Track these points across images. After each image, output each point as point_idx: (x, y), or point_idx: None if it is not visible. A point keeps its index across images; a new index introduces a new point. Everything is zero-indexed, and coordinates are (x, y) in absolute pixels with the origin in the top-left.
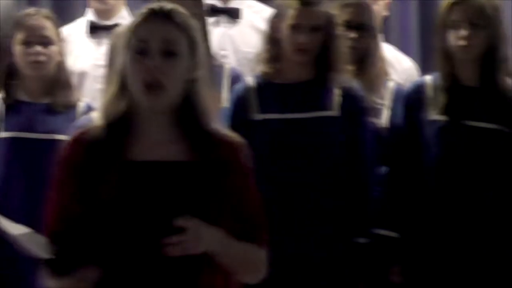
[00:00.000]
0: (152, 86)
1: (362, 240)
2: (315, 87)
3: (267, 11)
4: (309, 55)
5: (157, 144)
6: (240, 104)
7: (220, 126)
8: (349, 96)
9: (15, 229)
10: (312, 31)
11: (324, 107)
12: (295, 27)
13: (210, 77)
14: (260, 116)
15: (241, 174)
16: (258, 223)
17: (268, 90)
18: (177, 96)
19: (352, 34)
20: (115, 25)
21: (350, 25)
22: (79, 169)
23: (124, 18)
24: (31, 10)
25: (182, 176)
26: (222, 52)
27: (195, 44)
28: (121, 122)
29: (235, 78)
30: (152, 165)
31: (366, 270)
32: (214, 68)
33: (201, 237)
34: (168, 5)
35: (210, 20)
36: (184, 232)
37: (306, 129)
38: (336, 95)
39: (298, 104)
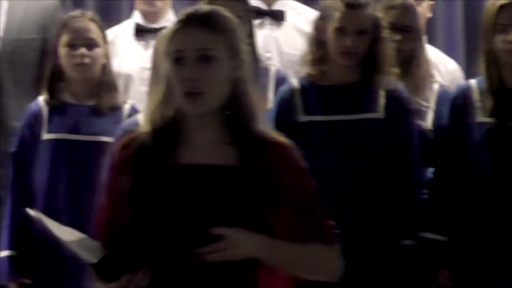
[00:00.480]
0: (192, 94)
1: (408, 242)
2: (361, 89)
3: (311, 13)
4: (355, 58)
5: (205, 147)
6: (285, 106)
7: (268, 128)
8: (394, 98)
9: (65, 233)
10: (358, 34)
11: (370, 109)
12: (341, 30)
13: (256, 79)
14: (305, 118)
15: (293, 174)
16: (321, 221)
17: (313, 92)
18: (220, 99)
19: (397, 36)
20: (162, 28)
21: (395, 27)
22: (128, 175)
23: (170, 21)
24: (76, 12)
25: (229, 180)
26: (267, 54)
27: (235, 44)
28: (168, 127)
29: (280, 80)
30: (201, 169)
31: (413, 273)
32: (260, 70)
33: (239, 244)
34: (204, 8)
35: (255, 22)
36: (221, 239)
37: (351, 131)
38: (382, 97)
39: (343, 106)
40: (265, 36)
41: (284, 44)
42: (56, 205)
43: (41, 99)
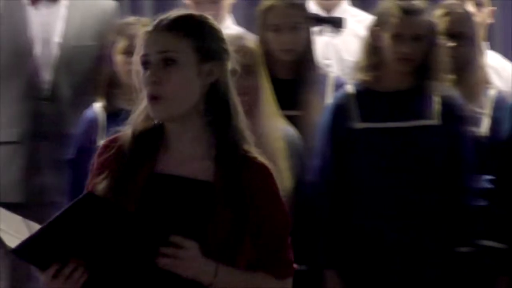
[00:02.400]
0: (153, 98)
1: (465, 250)
2: (416, 96)
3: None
4: (412, 65)
5: (183, 158)
6: (340, 112)
7: (251, 146)
8: (449, 105)
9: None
10: (415, 40)
11: (425, 116)
12: (398, 37)
13: (314, 85)
14: (361, 125)
15: (265, 198)
16: (280, 252)
17: (368, 99)
18: (187, 104)
19: (451, 43)
20: None
21: (449, 34)
22: (104, 176)
23: (228, 27)
24: (132, 19)
25: (197, 195)
26: (326, 62)
27: (206, 49)
28: (150, 133)
29: (339, 87)
30: (173, 180)
31: (471, 280)
32: (319, 77)
33: (193, 260)
34: (176, 13)
35: (314, 29)
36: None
37: (407, 138)
38: (437, 103)
39: (399, 113)
40: (324, 43)
41: (344, 51)
42: None
43: (97, 106)
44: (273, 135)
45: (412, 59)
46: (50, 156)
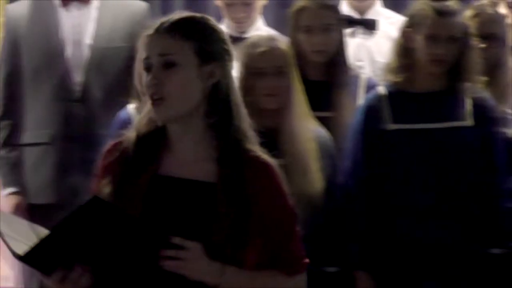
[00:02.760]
0: (155, 100)
1: (496, 251)
2: (448, 97)
3: None
4: (445, 66)
5: (186, 159)
6: (372, 114)
7: (255, 145)
8: (481, 106)
9: (10, 225)
10: (449, 41)
11: (458, 117)
12: (432, 38)
13: (346, 86)
14: (393, 126)
15: (270, 196)
16: (290, 249)
17: (400, 100)
18: (187, 106)
19: (482, 44)
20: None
21: (479, 35)
22: (109, 180)
23: (259, 29)
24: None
25: (201, 197)
26: (358, 63)
27: (207, 52)
28: (153, 135)
29: (371, 88)
30: (177, 182)
31: (503, 282)
32: (351, 78)
33: (196, 261)
34: (177, 16)
35: (347, 31)
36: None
37: (440, 140)
38: (468, 105)
39: (431, 114)
40: (357, 45)
41: (376, 53)
42: None
43: (131, 107)
44: (305, 136)
45: (446, 60)
46: (80, 157)
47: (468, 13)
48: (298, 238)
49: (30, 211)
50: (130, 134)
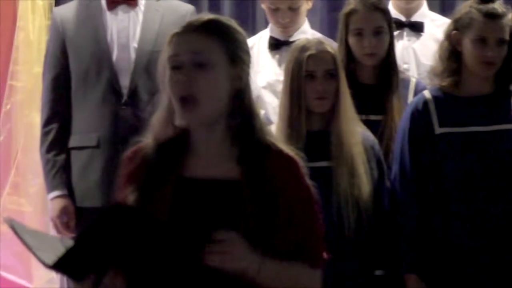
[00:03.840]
0: (186, 100)
1: None
2: (496, 100)
3: None
4: (494, 69)
5: (209, 160)
6: (419, 117)
7: (276, 139)
8: None
9: (34, 236)
10: (499, 44)
11: (506, 120)
12: (482, 41)
13: (398, 90)
14: (440, 130)
15: (295, 189)
16: (312, 243)
17: (448, 103)
18: (218, 108)
19: None
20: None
21: None
22: (133, 187)
23: (305, 32)
24: None
25: (228, 195)
26: (404, 66)
27: (236, 54)
28: (173, 138)
29: (420, 91)
30: (203, 183)
31: None
32: (401, 81)
33: (240, 251)
34: (206, 16)
35: (394, 33)
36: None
37: (488, 143)
38: None
39: (480, 117)
40: (403, 47)
41: (422, 55)
42: None
43: None
44: (353, 140)
45: (495, 63)
46: None
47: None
48: (320, 233)
49: (77, 215)
50: (148, 140)
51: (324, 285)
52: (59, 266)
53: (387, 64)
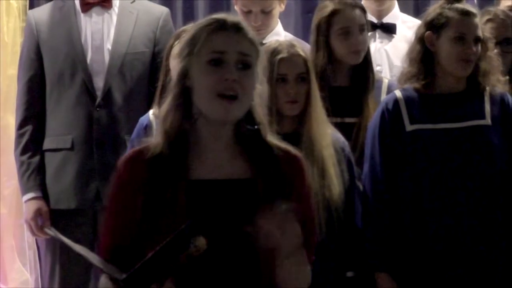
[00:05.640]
0: (227, 97)
1: None
2: (468, 97)
3: None
4: (472, 67)
5: (217, 160)
6: (389, 116)
7: (276, 138)
8: (501, 105)
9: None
10: (475, 42)
11: (477, 117)
12: (460, 39)
13: (373, 91)
14: (411, 127)
15: (303, 185)
16: (313, 238)
17: (419, 101)
18: (247, 108)
19: (496, 49)
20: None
21: (495, 40)
22: (140, 187)
23: (278, 34)
24: (189, 25)
25: (243, 194)
26: (377, 67)
27: (259, 58)
28: (182, 139)
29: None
30: (215, 184)
31: None
32: (375, 83)
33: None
34: (234, 17)
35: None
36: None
37: (460, 139)
38: (488, 104)
39: (450, 114)
40: (375, 49)
41: (395, 57)
42: None
43: (152, 113)
44: (323, 142)
45: (473, 60)
46: (103, 162)
47: (481, 18)
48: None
49: (51, 217)
50: (157, 141)
51: None
52: (129, 282)
53: (364, 64)
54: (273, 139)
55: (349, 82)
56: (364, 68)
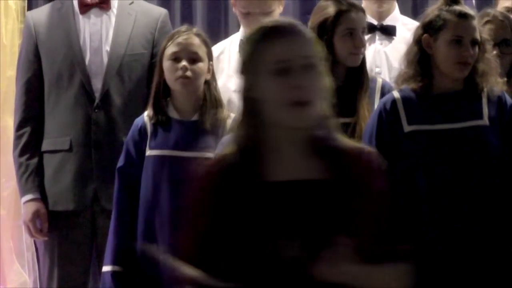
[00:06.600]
0: (300, 104)
1: None
2: (465, 98)
3: None
4: (469, 69)
5: (291, 162)
6: (386, 117)
7: (344, 137)
8: (498, 106)
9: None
10: (473, 44)
11: (475, 117)
12: (457, 41)
13: (367, 91)
14: (409, 128)
15: (380, 181)
16: (397, 236)
17: (417, 102)
18: (321, 108)
19: (495, 51)
20: None
21: (493, 41)
22: (217, 195)
23: None
24: (183, 27)
25: (324, 195)
26: (376, 69)
27: (320, 52)
28: (254, 145)
29: (387, 92)
30: (294, 185)
31: None
32: (370, 83)
33: (347, 264)
34: (285, 20)
35: (365, 37)
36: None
37: (459, 140)
38: (486, 105)
39: (448, 115)
40: (375, 50)
41: (394, 59)
42: (158, 221)
43: (146, 114)
44: None
45: (470, 63)
46: (101, 164)
47: (480, 19)
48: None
49: (50, 218)
50: (230, 148)
51: None
52: None
53: (359, 64)
54: (344, 138)
55: (343, 82)
56: (358, 68)
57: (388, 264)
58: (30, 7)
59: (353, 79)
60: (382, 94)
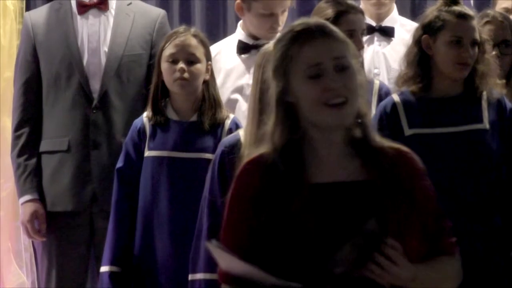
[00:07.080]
0: (336, 105)
1: None
2: (466, 101)
3: None
4: (469, 70)
5: (331, 164)
6: (388, 120)
7: (380, 137)
8: (498, 109)
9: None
10: (472, 45)
11: (475, 121)
12: (457, 42)
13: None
14: (410, 131)
15: (420, 180)
16: (443, 231)
17: (417, 105)
18: (358, 106)
19: (494, 52)
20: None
21: (493, 42)
22: (256, 196)
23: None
24: (180, 28)
25: (366, 196)
26: (375, 70)
27: (352, 52)
28: (293, 146)
29: (384, 95)
30: (335, 186)
31: None
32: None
33: (399, 268)
34: (317, 21)
35: (364, 38)
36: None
37: (458, 143)
38: (486, 108)
39: (448, 118)
40: (373, 52)
41: (392, 60)
42: (157, 222)
43: (145, 115)
44: None
45: (470, 64)
46: (99, 164)
47: (480, 20)
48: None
49: (48, 219)
50: (267, 151)
51: None
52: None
53: None
54: (380, 138)
55: None
56: None
57: (438, 260)
58: (28, 7)
59: None
60: (379, 96)
